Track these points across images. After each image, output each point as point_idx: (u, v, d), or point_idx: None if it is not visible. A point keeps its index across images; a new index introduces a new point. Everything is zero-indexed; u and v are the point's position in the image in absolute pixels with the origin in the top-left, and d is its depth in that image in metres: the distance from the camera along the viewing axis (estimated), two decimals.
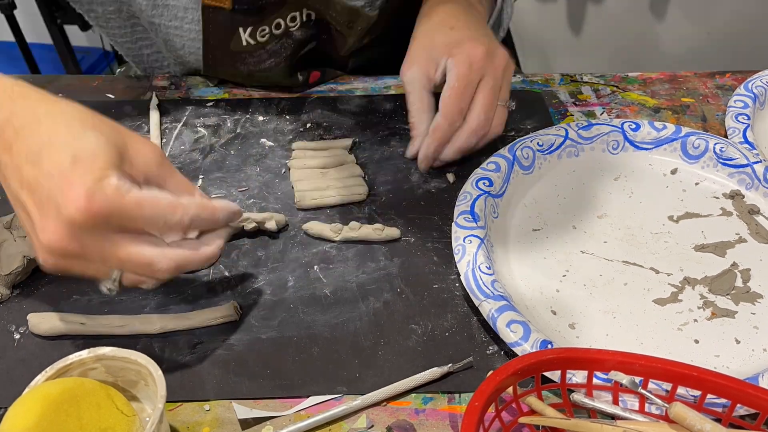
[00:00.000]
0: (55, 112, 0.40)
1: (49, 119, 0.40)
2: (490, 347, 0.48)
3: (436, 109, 0.58)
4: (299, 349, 0.48)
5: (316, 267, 0.54)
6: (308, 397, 0.46)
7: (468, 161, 0.63)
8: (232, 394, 0.46)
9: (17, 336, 0.50)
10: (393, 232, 0.56)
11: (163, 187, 0.42)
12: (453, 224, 0.53)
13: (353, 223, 0.56)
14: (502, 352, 0.48)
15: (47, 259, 0.40)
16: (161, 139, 0.66)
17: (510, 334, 0.45)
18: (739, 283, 0.52)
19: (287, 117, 0.69)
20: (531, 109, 0.69)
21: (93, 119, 0.41)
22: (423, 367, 0.47)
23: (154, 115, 0.68)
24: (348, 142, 0.65)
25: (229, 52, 0.67)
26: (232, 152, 0.65)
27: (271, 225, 0.55)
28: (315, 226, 0.56)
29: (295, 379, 0.47)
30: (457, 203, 0.55)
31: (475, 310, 0.50)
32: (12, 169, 0.39)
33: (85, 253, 0.39)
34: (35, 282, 0.53)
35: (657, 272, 0.53)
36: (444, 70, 0.58)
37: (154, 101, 0.69)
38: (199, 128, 0.68)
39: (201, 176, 0.63)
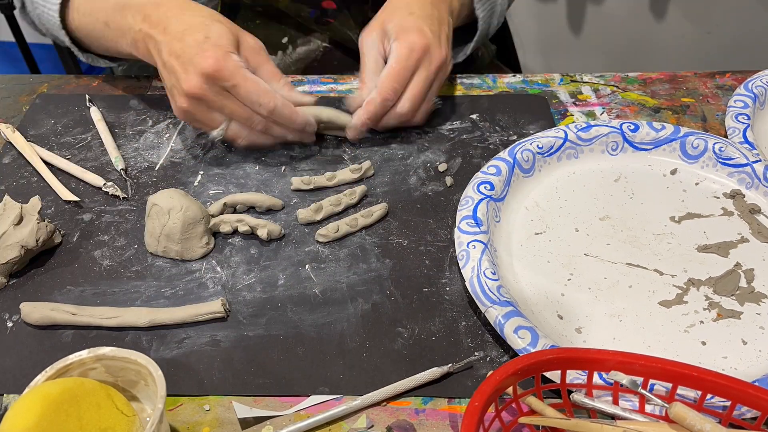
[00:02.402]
0: (192, 8, 0.60)
1: (189, 12, 0.59)
2: (476, 353, 0.47)
3: None
4: (285, 348, 0.48)
5: (307, 266, 0.54)
6: (298, 396, 0.46)
7: (466, 165, 0.63)
8: (214, 390, 0.46)
9: (10, 324, 0.50)
10: (380, 209, 0.57)
11: (257, 71, 0.59)
12: (456, 229, 0.53)
13: (332, 225, 0.56)
14: (488, 359, 0.47)
15: (183, 103, 0.58)
16: (115, 140, 0.66)
17: (518, 341, 0.45)
18: (743, 283, 0.52)
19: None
20: (534, 113, 0.69)
21: (218, 15, 0.60)
22: (407, 370, 0.46)
23: (100, 122, 0.68)
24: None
25: None
26: (232, 149, 0.65)
27: (262, 233, 0.55)
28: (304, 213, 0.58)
29: (279, 377, 0.47)
30: (459, 208, 0.55)
31: (464, 316, 0.50)
32: (165, 44, 0.58)
33: (208, 100, 0.57)
34: (31, 272, 0.54)
35: (661, 274, 0.53)
36: (390, 47, 0.63)
37: (95, 112, 0.69)
38: None
39: (201, 172, 0.63)
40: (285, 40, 0.81)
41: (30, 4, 0.71)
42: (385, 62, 0.63)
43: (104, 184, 0.60)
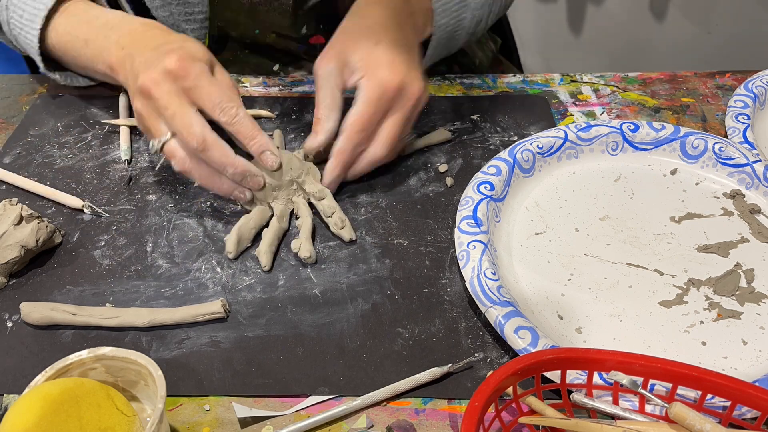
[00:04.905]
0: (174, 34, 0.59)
1: (171, 34, 0.58)
2: (476, 354, 0.47)
3: (343, 109, 0.57)
4: (284, 348, 0.48)
5: (308, 267, 0.54)
6: (298, 396, 0.46)
7: (467, 166, 0.63)
8: (214, 390, 0.46)
9: (10, 324, 0.50)
10: (347, 233, 0.55)
11: None
12: (456, 229, 0.53)
13: (294, 242, 0.55)
14: (488, 360, 0.47)
15: (136, 104, 0.54)
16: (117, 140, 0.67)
17: (518, 341, 0.45)
18: (743, 283, 0.52)
19: (291, 116, 0.69)
20: (534, 113, 0.69)
21: (199, 42, 0.57)
22: (407, 371, 0.46)
23: (124, 109, 0.69)
24: None
25: None
26: (233, 150, 0.65)
27: (295, 246, 0.55)
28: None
29: (279, 377, 0.47)
30: (459, 208, 0.55)
31: (464, 316, 0.50)
32: (139, 55, 0.56)
33: (157, 99, 0.52)
34: (31, 272, 0.54)
35: (661, 274, 0.53)
36: (356, 84, 0.57)
37: (123, 98, 0.70)
38: None
39: None
40: (276, 67, 0.80)
41: (5, 26, 0.68)
42: (343, 95, 0.58)
43: (83, 205, 0.59)
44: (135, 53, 0.56)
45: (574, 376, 0.43)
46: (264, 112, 0.69)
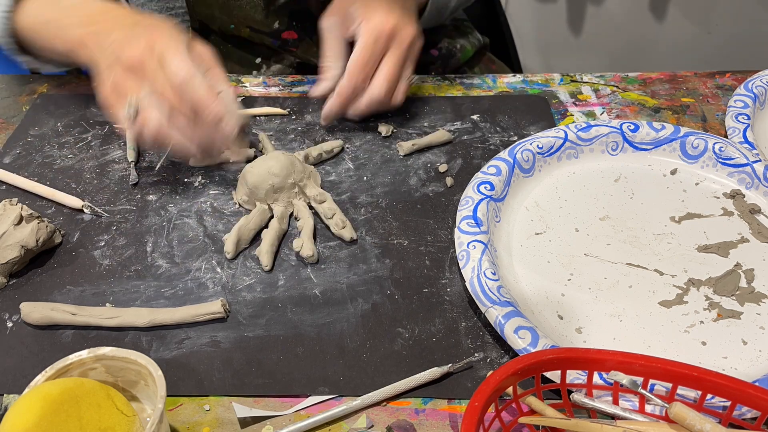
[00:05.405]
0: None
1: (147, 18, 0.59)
2: (476, 354, 0.47)
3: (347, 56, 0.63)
4: (284, 348, 0.48)
5: (308, 267, 0.54)
6: (298, 396, 0.46)
7: (467, 166, 0.63)
8: (214, 390, 0.46)
9: (10, 324, 0.50)
10: (348, 232, 0.56)
11: (206, 73, 0.56)
12: (456, 229, 0.53)
13: (296, 241, 0.55)
14: (488, 360, 0.47)
15: (119, 73, 0.55)
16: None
17: (518, 341, 0.45)
18: (743, 283, 0.52)
19: (292, 116, 0.69)
20: (534, 113, 0.69)
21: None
22: (407, 371, 0.46)
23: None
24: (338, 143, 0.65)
25: None
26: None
27: (297, 245, 0.55)
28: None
29: (279, 377, 0.47)
30: (459, 208, 0.55)
31: (464, 316, 0.50)
32: (119, 30, 0.57)
33: (149, 63, 0.54)
34: (31, 272, 0.54)
35: (661, 274, 0.53)
36: (355, 31, 0.62)
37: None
38: None
39: (201, 172, 0.63)
40: (258, 60, 0.82)
41: None
42: (350, 45, 0.63)
43: (83, 206, 0.59)
44: (105, 30, 0.57)
45: (574, 376, 0.43)
46: (276, 110, 0.69)
